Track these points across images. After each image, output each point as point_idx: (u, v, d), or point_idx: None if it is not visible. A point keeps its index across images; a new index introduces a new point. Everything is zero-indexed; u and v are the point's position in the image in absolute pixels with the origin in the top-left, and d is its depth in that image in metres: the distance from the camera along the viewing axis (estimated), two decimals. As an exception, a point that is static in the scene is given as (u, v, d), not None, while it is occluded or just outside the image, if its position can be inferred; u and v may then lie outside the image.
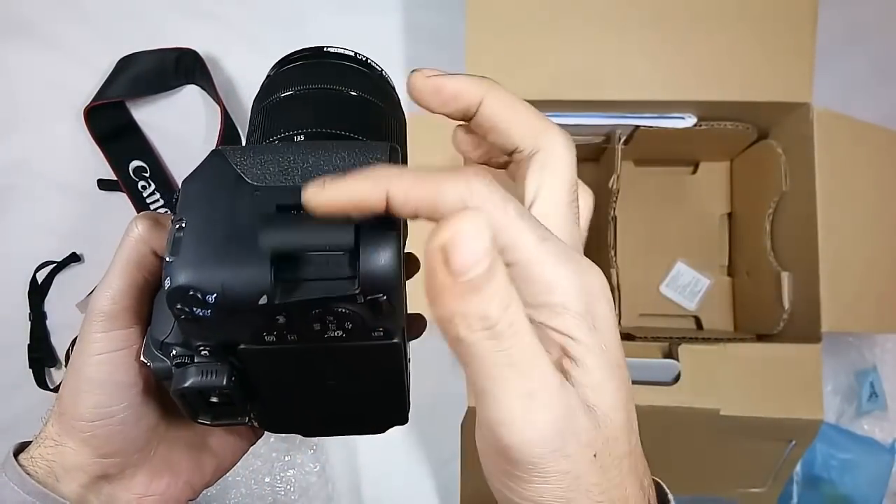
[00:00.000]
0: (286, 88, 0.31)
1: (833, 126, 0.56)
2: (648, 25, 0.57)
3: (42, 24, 0.77)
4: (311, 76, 0.31)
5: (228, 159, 0.23)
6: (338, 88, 0.31)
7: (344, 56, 0.32)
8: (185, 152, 0.77)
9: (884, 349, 0.71)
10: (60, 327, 0.73)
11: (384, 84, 0.34)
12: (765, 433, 0.56)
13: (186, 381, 0.23)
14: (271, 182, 0.23)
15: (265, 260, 0.20)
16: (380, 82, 0.33)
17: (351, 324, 0.22)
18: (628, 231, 0.69)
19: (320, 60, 0.32)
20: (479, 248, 0.17)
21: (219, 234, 0.21)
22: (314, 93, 0.31)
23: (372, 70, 0.33)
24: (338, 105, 0.31)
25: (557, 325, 0.20)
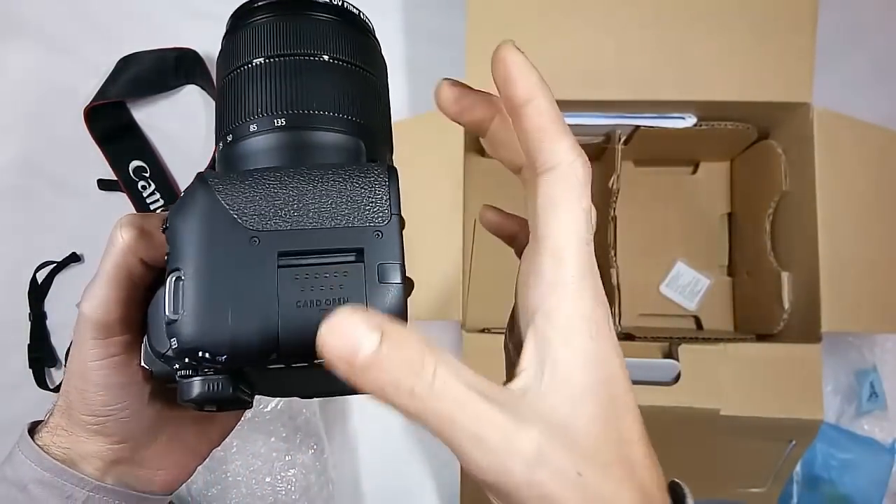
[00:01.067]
0: (255, 53, 0.26)
1: (833, 126, 0.56)
2: (648, 25, 0.57)
3: (42, 24, 0.77)
4: (287, 37, 0.26)
5: (217, 194, 0.22)
6: (319, 57, 0.26)
7: (326, 6, 0.27)
8: (185, 152, 0.77)
9: (884, 349, 0.71)
10: (60, 327, 0.73)
11: (373, 46, 0.29)
12: (765, 433, 0.56)
13: (192, 393, 0.23)
14: (266, 225, 0.22)
15: (274, 319, 0.20)
16: (367, 44, 0.29)
17: None
18: (628, 231, 0.69)
19: (297, 13, 0.26)
20: (351, 336, 0.18)
21: (222, 289, 0.21)
22: (292, 63, 0.25)
23: (360, 27, 0.28)
24: (320, 80, 0.26)
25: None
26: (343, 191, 0.22)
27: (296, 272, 0.21)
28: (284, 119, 0.25)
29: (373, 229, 0.22)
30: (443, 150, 0.58)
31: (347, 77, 0.26)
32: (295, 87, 0.25)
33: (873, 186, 0.56)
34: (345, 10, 0.27)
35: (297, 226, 0.22)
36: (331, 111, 0.25)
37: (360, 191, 0.23)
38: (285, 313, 0.21)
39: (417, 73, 0.77)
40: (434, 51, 0.77)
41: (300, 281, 0.21)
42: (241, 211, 0.22)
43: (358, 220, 0.22)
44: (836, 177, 0.56)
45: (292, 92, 0.25)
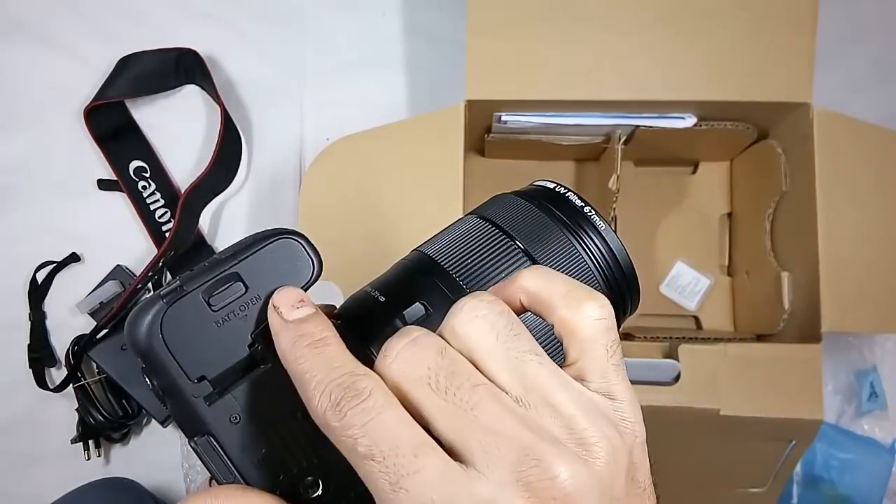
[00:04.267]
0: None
1: (833, 126, 0.56)
2: (648, 25, 0.57)
3: (42, 25, 0.77)
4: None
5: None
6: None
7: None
8: (185, 152, 0.77)
9: (884, 349, 0.71)
10: (60, 327, 0.73)
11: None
12: (765, 433, 0.56)
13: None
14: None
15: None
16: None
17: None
18: (628, 231, 0.69)
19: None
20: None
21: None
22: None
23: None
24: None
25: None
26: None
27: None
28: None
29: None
30: (443, 150, 0.58)
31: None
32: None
33: (873, 186, 0.56)
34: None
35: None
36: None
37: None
38: None
39: (417, 73, 0.77)
40: (434, 51, 0.77)
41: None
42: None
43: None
44: (836, 177, 0.56)
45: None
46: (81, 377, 0.70)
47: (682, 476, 0.60)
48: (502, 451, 0.18)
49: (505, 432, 0.18)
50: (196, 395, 0.21)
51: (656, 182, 0.73)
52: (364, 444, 0.18)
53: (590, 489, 0.18)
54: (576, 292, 0.21)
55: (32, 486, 0.71)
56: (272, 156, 0.76)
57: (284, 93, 0.77)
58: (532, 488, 0.17)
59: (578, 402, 0.19)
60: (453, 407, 0.18)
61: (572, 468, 0.18)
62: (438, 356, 0.19)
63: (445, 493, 0.17)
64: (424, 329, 0.20)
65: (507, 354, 0.19)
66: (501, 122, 0.62)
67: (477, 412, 0.18)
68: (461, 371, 0.19)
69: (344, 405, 0.18)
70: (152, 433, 0.73)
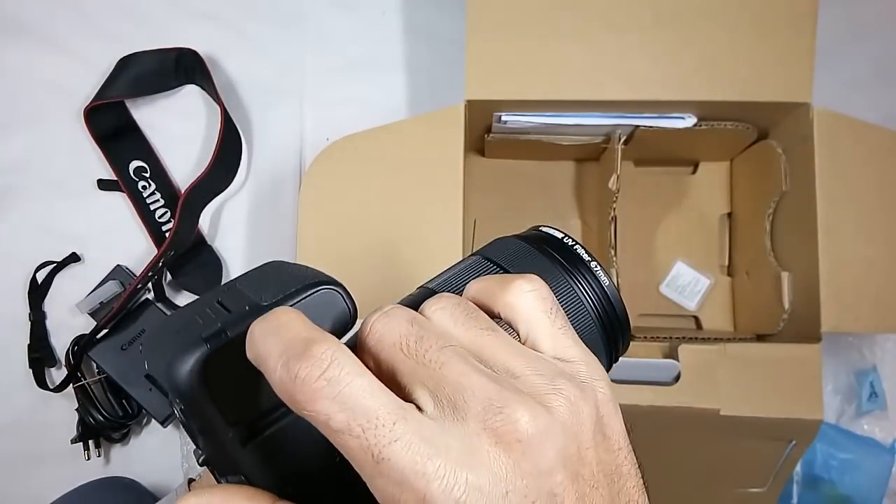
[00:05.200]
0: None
1: (833, 126, 0.56)
2: (648, 25, 0.57)
3: (42, 25, 0.77)
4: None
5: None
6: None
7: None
8: (185, 152, 0.77)
9: (884, 349, 0.71)
10: (60, 327, 0.73)
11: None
12: (765, 433, 0.56)
13: None
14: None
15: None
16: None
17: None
18: (628, 231, 0.69)
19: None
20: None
21: None
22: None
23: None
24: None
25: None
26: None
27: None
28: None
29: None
30: (443, 150, 0.58)
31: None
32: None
33: (873, 186, 0.56)
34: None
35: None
36: None
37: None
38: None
39: (417, 73, 0.77)
40: (434, 51, 0.77)
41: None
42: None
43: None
44: (836, 177, 0.56)
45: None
46: (81, 377, 0.70)
47: (682, 476, 0.60)
48: (469, 402, 0.19)
49: (471, 385, 0.19)
50: (232, 437, 0.21)
51: (656, 182, 0.73)
52: (340, 420, 0.18)
53: (552, 434, 0.19)
54: (507, 278, 0.23)
55: (32, 486, 0.71)
56: (272, 156, 0.76)
57: (284, 93, 0.77)
58: (498, 433, 0.18)
59: (535, 364, 0.21)
60: (424, 367, 0.19)
61: (532, 412, 0.19)
62: (409, 324, 0.20)
63: (425, 453, 0.18)
64: (395, 303, 0.21)
65: (466, 334, 0.21)
66: (501, 122, 0.62)
67: (445, 370, 0.19)
68: (429, 335, 0.20)
69: (304, 376, 0.18)
70: (152, 433, 0.73)
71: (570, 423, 0.19)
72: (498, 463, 0.18)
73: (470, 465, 0.18)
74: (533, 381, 0.20)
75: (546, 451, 0.19)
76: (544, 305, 0.22)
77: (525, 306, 0.22)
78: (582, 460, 0.19)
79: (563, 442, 0.19)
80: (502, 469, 0.18)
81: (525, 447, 0.18)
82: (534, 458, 0.18)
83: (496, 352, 0.21)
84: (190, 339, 0.21)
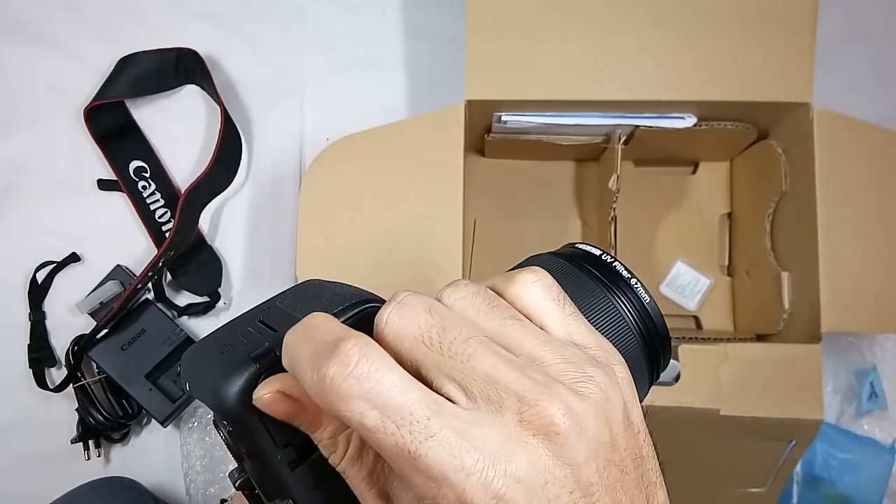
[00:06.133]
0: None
1: (833, 126, 0.56)
2: (648, 25, 0.57)
3: (41, 24, 0.77)
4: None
5: None
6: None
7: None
8: (185, 152, 0.77)
9: (884, 349, 0.71)
10: (60, 327, 0.73)
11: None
12: (765, 433, 0.56)
13: None
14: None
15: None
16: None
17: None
18: (628, 231, 0.69)
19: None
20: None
21: None
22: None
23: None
24: None
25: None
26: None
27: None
28: None
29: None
30: (443, 150, 0.58)
31: None
32: None
33: (873, 186, 0.56)
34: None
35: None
36: None
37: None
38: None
39: (417, 73, 0.77)
40: (434, 51, 0.77)
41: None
42: None
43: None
44: (836, 177, 0.56)
45: None
46: (81, 377, 0.70)
47: (682, 476, 0.60)
48: (503, 395, 0.18)
49: (502, 377, 0.19)
50: (280, 460, 0.21)
51: (656, 182, 0.73)
52: (373, 418, 0.17)
53: (587, 423, 0.19)
54: (512, 273, 0.23)
55: (32, 486, 0.71)
56: (272, 156, 0.76)
57: (284, 93, 0.77)
58: (535, 426, 0.18)
59: (562, 352, 0.20)
60: (451, 360, 0.19)
61: (567, 403, 0.18)
62: (427, 314, 0.20)
63: (462, 448, 0.17)
64: (410, 290, 0.20)
65: (489, 323, 0.20)
66: (501, 122, 0.62)
67: (474, 362, 0.19)
68: (452, 325, 0.19)
69: (334, 374, 0.18)
70: (152, 433, 0.73)
71: (602, 410, 0.19)
72: (537, 454, 0.18)
73: (508, 457, 0.18)
74: (563, 368, 0.20)
75: (582, 441, 0.18)
76: (551, 294, 0.22)
77: (533, 296, 0.22)
78: (614, 446, 0.19)
79: (598, 430, 0.19)
80: (541, 460, 0.18)
81: (563, 438, 0.18)
82: (571, 448, 0.18)
83: (522, 341, 0.20)
84: (237, 359, 0.21)
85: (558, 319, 0.22)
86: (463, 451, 0.17)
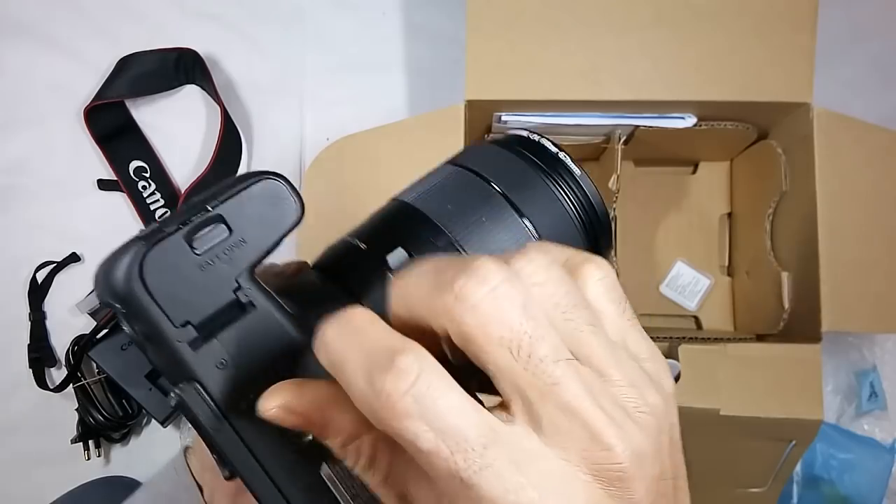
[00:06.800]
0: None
1: (833, 126, 0.56)
2: (648, 25, 0.57)
3: (42, 24, 0.77)
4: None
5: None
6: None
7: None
8: (185, 152, 0.77)
9: (884, 349, 0.71)
10: (60, 327, 0.73)
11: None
12: (765, 433, 0.56)
13: None
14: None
15: None
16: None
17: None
18: (628, 231, 0.69)
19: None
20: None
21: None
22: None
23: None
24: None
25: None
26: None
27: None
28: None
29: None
30: (443, 150, 0.57)
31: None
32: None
33: (873, 186, 0.56)
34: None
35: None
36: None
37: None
38: None
39: (417, 73, 0.77)
40: (434, 51, 0.77)
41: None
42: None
43: None
44: (836, 177, 0.56)
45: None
46: (81, 377, 0.70)
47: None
48: (575, 430, 0.17)
49: (581, 412, 0.17)
50: (181, 341, 0.20)
51: (656, 182, 0.73)
52: (427, 441, 0.16)
53: (644, 462, 0.18)
54: (574, 259, 0.20)
55: (32, 486, 0.71)
56: (272, 156, 0.76)
57: (284, 93, 0.77)
58: (599, 467, 0.17)
59: (628, 372, 0.19)
60: (532, 378, 0.17)
61: (632, 441, 0.18)
62: (523, 314, 0.17)
63: (517, 483, 0.17)
64: (502, 272, 0.18)
65: (567, 325, 0.18)
66: (501, 122, 0.62)
67: (559, 389, 0.17)
68: (546, 337, 0.17)
69: (389, 391, 0.16)
70: (152, 433, 0.73)
71: (657, 441, 0.19)
72: (595, 495, 0.17)
73: (564, 495, 0.17)
74: (626, 393, 0.18)
75: (641, 479, 0.18)
76: (615, 295, 0.20)
77: (595, 295, 0.20)
78: (662, 475, 0.19)
79: (653, 465, 0.18)
80: (596, 500, 0.17)
81: (623, 481, 0.17)
82: (630, 488, 0.18)
83: (594, 352, 0.19)
84: (127, 243, 0.20)
85: (617, 324, 0.20)
86: (518, 486, 0.16)
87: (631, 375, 0.19)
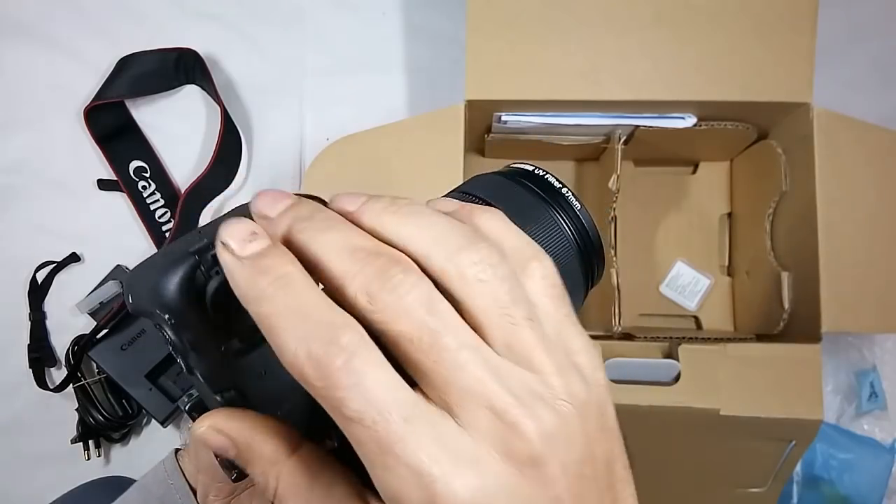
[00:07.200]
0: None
1: (833, 126, 0.56)
2: (648, 25, 0.57)
3: (42, 24, 0.77)
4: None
5: None
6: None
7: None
8: (185, 152, 0.77)
9: (884, 349, 0.71)
10: (60, 327, 0.73)
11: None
12: (765, 433, 0.56)
13: None
14: None
15: None
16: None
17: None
18: (628, 231, 0.69)
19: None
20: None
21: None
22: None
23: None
24: None
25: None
26: None
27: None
28: None
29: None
30: (443, 150, 0.58)
31: None
32: None
33: (873, 186, 0.56)
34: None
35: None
36: None
37: None
38: None
39: (417, 73, 0.77)
40: (434, 51, 0.77)
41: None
42: None
43: None
44: (836, 177, 0.56)
45: None
46: (81, 377, 0.70)
47: (682, 476, 0.60)
48: (481, 411, 0.18)
49: (486, 394, 0.18)
50: (226, 350, 0.21)
51: (656, 182, 0.73)
52: (352, 409, 0.18)
53: (559, 445, 0.19)
54: (524, 253, 0.22)
55: (32, 486, 0.71)
56: (272, 156, 0.76)
57: (284, 93, 0.77)
58: (508, 445, 0.18)
59: (556, 361, 0.20)
60: (435, 366, 0.19)
61: (543, 426, 0.19)
62: (427, 314, 0.19)
63: (433, 456, 0.18)
64: (411, 276, 0.19)
65: (502, 320, 0.20)
66: (501, 122, 0.62)
67: (462, 374, 0.19)
68: (448, 330, 0.19)
69: (326, 363, 0.18)
70: (152, 433, 0.73)
71: (577, 428, 0.19)
72: (506, 473, 0.18)
73: (477, 472, 0.18)
74: (550, 381, 0.19)
75: (553, 462, 0.19)
76: (555, 292, 0.22)
77: (536, 291, 0.21)
78: (585, 461, 0.20)
79: (569, 449, 0.19)
80: (509, 479, 0.18)
81: (534, 460, 0.18)
82: (541, 469, 0.18)
83: (526, 343, 0.20)
84: (176, 255, 0.21)
85: (553, 319, 0.21)
86: (433, 458, 0.18)
87: (558, 365, 0.20)
